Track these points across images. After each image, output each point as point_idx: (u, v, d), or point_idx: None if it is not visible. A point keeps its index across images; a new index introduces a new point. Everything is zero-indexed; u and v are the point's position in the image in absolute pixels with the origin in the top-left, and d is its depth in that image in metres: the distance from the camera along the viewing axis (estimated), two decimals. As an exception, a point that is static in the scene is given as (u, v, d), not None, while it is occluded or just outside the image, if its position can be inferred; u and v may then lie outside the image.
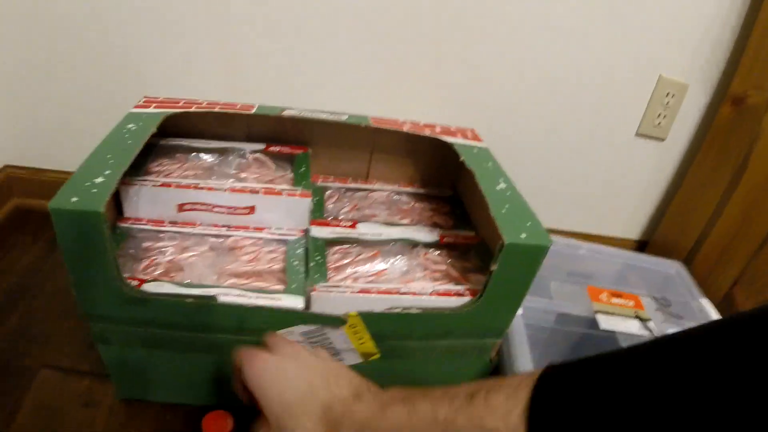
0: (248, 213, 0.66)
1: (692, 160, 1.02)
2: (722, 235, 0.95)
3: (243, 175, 0.71)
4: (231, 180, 0.69)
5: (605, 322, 0.75)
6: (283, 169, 0.75)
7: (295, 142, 0.78)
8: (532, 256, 0.56)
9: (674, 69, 0.95)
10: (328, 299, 0.57)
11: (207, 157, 0.74)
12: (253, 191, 0.66)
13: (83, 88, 0.90)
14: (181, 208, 0.65)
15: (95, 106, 0.91)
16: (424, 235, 0.71)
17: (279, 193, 0.67)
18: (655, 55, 0.94)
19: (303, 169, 0.74)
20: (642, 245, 1.15)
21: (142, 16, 0.84)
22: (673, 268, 0.95)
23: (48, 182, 0.96)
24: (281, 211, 0.68)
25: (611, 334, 0.79)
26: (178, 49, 0.88)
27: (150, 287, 0.56)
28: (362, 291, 0.59)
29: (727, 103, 0.94)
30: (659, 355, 0.32)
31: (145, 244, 0.63)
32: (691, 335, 0.32)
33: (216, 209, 0.66)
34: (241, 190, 0.66)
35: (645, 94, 0.98)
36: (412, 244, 0.69)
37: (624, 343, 0.77)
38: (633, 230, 1.15)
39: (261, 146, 0.76)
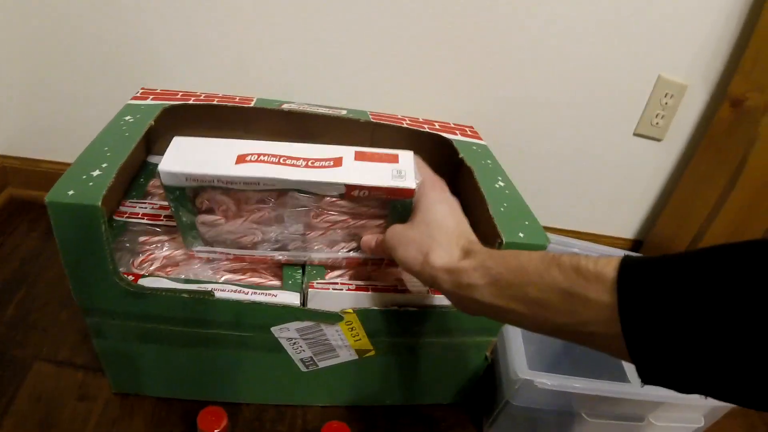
0: (333, 166, 0.53)
1: (690, 161, 1.02)
2: (718, 236, 0.95)
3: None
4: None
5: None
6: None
7: (294, 137, 0.78)
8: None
9: (673, 69, 0.95)
10: (325, 296, 0.57)
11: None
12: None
13: (80, 78, 0.89)
14: (241, 159, 0.52)
15: (92, 96, 0.90)
16: None
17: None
18: (654, 55, 0.93)
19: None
20: (637, 245, 1.16)
21: (140, 5, 0.83)
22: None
23: (44, 173, 0.95)
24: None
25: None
26: (178, 40, 0.87)
27: (146, 282, 0.56)
28: (359, 288, 0.58)
29: (726, 104, 0.94)
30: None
31: (142, 238, 0.63)
32: None
33: (288, 161, 0.53)
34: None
35: (643, 93, 0.97)
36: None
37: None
38: (629, 229, 1.15)
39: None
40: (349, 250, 0.61)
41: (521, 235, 0.55)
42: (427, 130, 0.73)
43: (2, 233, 0.90)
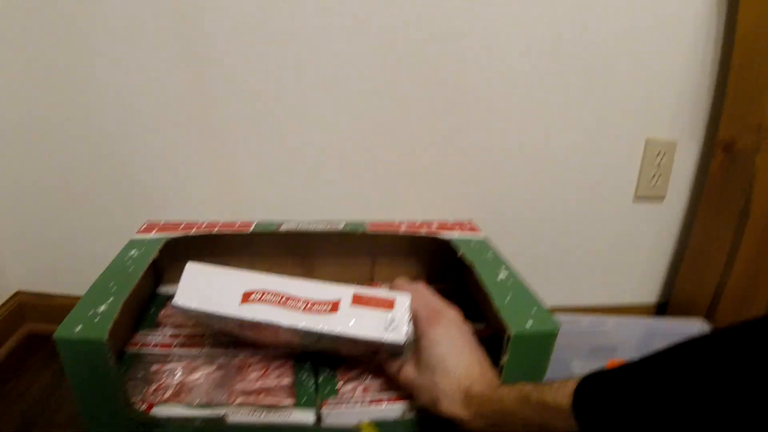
0: (330, 311, 0.55)
1: (695, 214, 1.02)
2: (739, 284, 0.93)
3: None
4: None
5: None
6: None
7: (295, 255, 0.79)
8: (542, 342, 0.55)
9: (659, 128, 0.97)
10: (339, 413, 0.56)
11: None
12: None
13: (90, 215, 0.93)
14: (246, 298, 0.56)
15: (101, 229, 0.93)
16: None
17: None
18: (637, 118, 0.95)
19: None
20: (662, 307, 1.13)
21: (140, 142, 0.88)
22: (695, 326, 0.92)
23: (57, 307, 0.97)
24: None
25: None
26: (179, 172, 0.91)
27: (159, 410, 0.56)
28: (373, 401, 0.57)
29: (718, 150, 0.94)
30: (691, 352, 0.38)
31: (154, 367, 0.63)
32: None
33: (289, 302, 0.56)
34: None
35: (635, 158, 0.98)
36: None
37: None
38: (649, 294, 1.12)
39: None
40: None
41: (529, 324, 0.54)
42: (425, 232, 0.74)
43: (20, 369, 0.90)
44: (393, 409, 0.57)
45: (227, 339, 0.65)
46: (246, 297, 0.56)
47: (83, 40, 0.81)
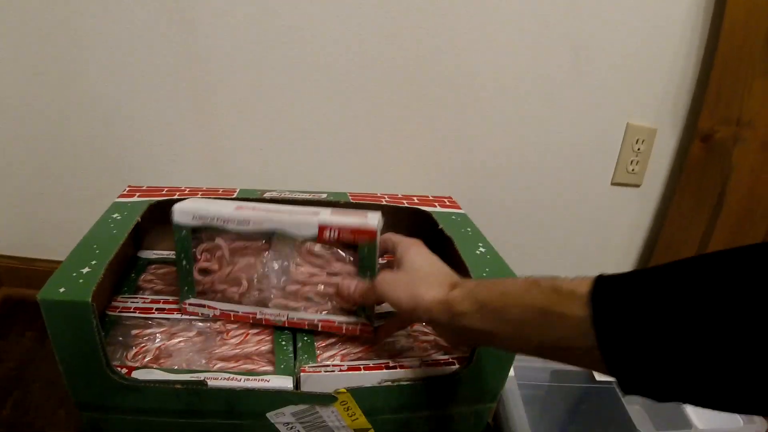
0: (310, 214, 0.62)
1: (670, 203, 1.04)
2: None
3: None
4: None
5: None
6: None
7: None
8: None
9: (641, 115, 0.98)
10: (317, 379, 0.57)
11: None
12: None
13: (70, 179, 0.93)
14: (239, 208, 0.62)
15: (82, 196, 0.94)
16: None
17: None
18: (620, 103, 0.97)
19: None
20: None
21: (125, 107, 0.88)
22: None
23: (38, 272, 0.97)
24: None
25: (610, 385, 0.78)
26: (161, 138, 0.91)
27: (139, 374, 0.56)
28: (351, 368, 0.59)
29: (697, 141, 0.96)
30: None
31: (134, 332, 0.63)
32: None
33: (276, 210, 0.62)
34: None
35: (615, 143, 1.00)
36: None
37: (620, 398, 0.76)
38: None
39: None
40: (327, 312, 0.64)
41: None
42: (406, 205, 0.75)
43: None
44: (371, 376, 0.59)
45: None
46: (239, 208, 0.61)
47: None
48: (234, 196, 0.71)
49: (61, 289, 0.49)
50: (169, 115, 0.89)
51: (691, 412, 0.80)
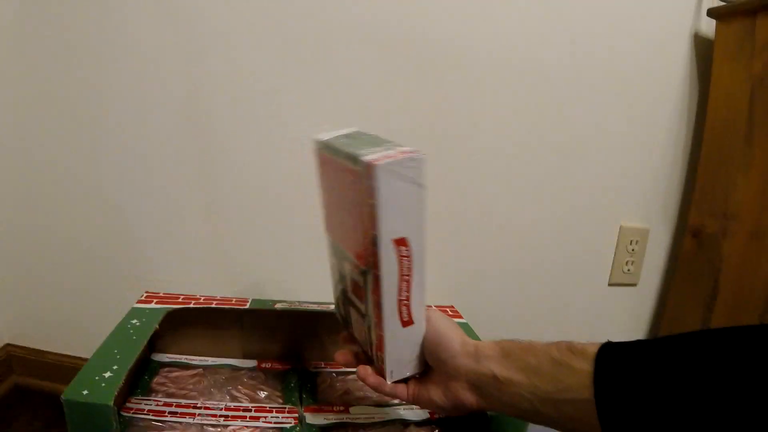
0: None
1: (667, 298, 1.06)
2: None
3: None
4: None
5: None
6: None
7: (286, 332, 0.84)
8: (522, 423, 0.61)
9: (633, 216, 1.03)
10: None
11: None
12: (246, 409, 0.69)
13: (83, 277, 0.97)
14: None
15: (94, 294, 0.97)
16: (415, 413, 0.73)
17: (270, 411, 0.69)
18: (612, 207, 1.02)
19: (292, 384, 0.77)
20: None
21: (141, 208, 0.93)
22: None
23: (47, 364, 0.99)
24: None
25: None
26: (175, 245, 0.95)
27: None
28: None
29: (688, 236, 1.00)
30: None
31: (147, 433, 0.66)
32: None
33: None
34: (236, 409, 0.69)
35: (610, 245, 1.04)
36: (404, 424, 0.71)
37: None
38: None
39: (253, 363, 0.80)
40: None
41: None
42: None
43: (6, 421, 0.91)
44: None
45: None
46: None
47: (94, 104, 0.88)
48: (246, 307, 0.77)
49: (85, 392, 0.53)
50: (182, 222, 0.94)
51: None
